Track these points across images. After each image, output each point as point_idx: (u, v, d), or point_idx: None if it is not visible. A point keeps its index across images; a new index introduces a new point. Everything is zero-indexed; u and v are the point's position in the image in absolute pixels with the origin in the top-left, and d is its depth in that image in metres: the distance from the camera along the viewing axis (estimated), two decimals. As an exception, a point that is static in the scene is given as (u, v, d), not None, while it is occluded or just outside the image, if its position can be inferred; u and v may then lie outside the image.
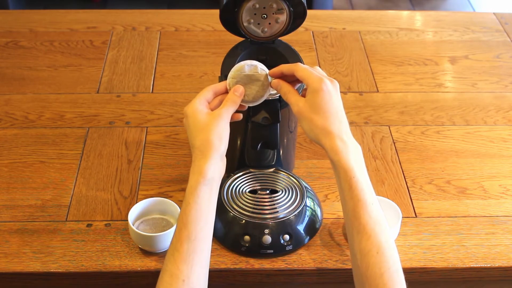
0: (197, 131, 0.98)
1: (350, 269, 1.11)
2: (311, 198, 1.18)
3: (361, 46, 1.71)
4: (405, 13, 1.97)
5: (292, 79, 1.02)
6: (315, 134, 0.97)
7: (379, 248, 0.91)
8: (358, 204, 0.93)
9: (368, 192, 0.94)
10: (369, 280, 0.91)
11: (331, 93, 0.96)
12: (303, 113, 0.97)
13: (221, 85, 1.03)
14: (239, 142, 1.21)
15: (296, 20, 1.11)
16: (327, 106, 0.96)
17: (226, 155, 1.28)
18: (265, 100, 1.09)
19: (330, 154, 0.95)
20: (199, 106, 1.00)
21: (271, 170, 1.21)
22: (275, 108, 1.09)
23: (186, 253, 0.93)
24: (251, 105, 1.04)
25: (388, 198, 1.19)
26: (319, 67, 1.11)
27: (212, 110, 1.01)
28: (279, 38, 1.14)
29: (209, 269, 1.10)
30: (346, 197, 0.95)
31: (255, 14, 1.09)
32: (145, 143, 1.36)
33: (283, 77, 1.02)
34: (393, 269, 0.91)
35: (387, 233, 0.93)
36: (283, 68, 1.01)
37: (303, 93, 1.00)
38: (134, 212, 1.13)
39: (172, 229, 1.09)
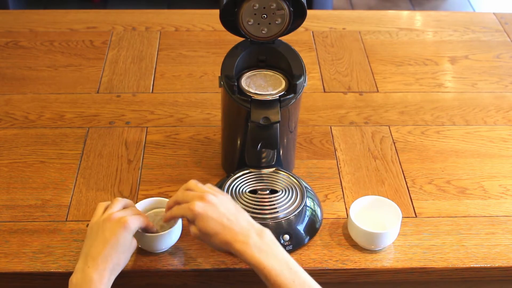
0: (123, 250, 1.00)
1: (350, 269, 1.12)
2: (311, 198, 1.18)
3: (361, 46, 1.71)
4: (405, 13, 1.97)
5: None
6: (219, 249, 1.02)
7: None
8: None
9: (285, 273, 0.96)
10: None
11: (206, 211, 0.99)
12: (202, 239, 1.02)
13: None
14: (239, 142, 1.21)
15: (296, 20, 1.11)
16: (210, 225, 0.99)
17: (227, 155, 1.29)
18: (265, 100, 1.10)
19: (239, 258, 0.99)
20: (135, 226, 1.02)
21: (271, 170, 1.21)
22: (275, 108, 1.09)
23: None
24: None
25: (388, 198, 1.19)
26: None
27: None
28: (279, 38, 1.14)
29: (209, 269, 1.10)
30: (268, 287, 0.98)
31: (255, 14, 1.09)
32: (145, 143, 1.36)
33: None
34: None
35: None
36: (167, 217, 1.06)
37: None
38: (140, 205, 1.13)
39: (173, 229, 1.09)
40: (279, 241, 1.11)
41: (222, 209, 1.00)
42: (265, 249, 0.97)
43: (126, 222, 1.00)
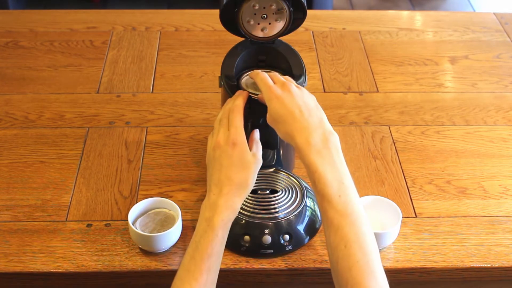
0: (241, 168, 0.98)
1: (350, 269, 1.12)
2: (311, 198, 1.18)
3: (361, 46, 1.71)
4: (405, 13, 1.97)
5: None
6: (284, 139, 1.00)
7: (347, 242, 0.91)
8: (323, 199, 0.93)
9: (333, 185, 0.93)
10: (340, 274, 0.91)
11: (282, 97, 0.98)
12: (270, 123, 1.01)
13: (242, 103, 1.04)
14: (239, 142, 1.20)
15: (296, 20, 1.11)
16: (281, 111, 0.98)
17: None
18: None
19: (297, 153, 0.97)
20: (242, 136, 1.00)
21: (271, 170, 1.21)
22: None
23: (205, 285, 0.94)
24: None
25: (388, 198, 1.19)
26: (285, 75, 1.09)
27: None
28: (279, 38, 1.14)
29: (209, 269, 1.10)
30: (314, 192, 0.96)
31: (255, 14, 1.09)
32: (145, 143, 1.36)
33: None
34: (363, 262, 0.89)
35: (358, 225, 0.92)
36: (252, 74, 1.06)
37: None
38: (134, 212, 1.13)
39: (173, 229, 1.09)
40: (279, 241, 1.11)
41: (298, 100, 0.98)
42: (323, 153, 0.95)
43: (232, 140, 0.98)
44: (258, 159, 1.01)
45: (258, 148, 1.02)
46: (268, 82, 1.01)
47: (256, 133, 1.05)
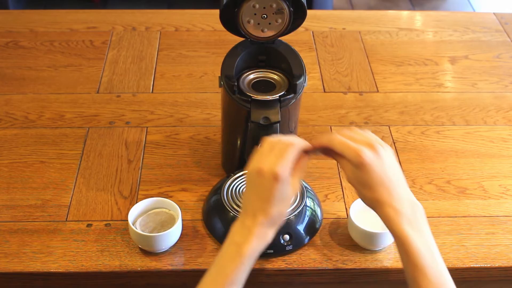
0: (279, 202, 0.94)
1: (350, 269, 1.12)
2: (311, 198, 1.18)
3: (361, 46, 1.71)
4: (405, 13, 1.97)
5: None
6: (367, 203, 0.96)
7: None
8: (415, 269, 0.92)
9: (427, 255, 0.92)
10: None
11: (373, 164, 0.93)
12: (352, 185, 0.97)
13: (305, 146, 0.98)
14: (239, 142, 1.21)
15: (296, 20, 1.11)
16: (371, 179, 0.93)
17: (227, 155, 1.29)
18: (265, 100, 1.10)
19: (383, 222, 0.94)
20: (288, 172, 0.94)
21: (271, 170, 1.20)
22: (275, 108, 1.09)
23: None
24: None
25: (388, 198, 1.19)
26: (359, 129, 1.01)
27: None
28: (279, 38, 1.14)
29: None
30: (404, 263, 0.94)
31: (255, 14, 1.09)
32: (145, 143, 1.36)
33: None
34: None
35: None
36: (322, 141, 0.98)
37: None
38: (134, 212, 1.13)
39: (173, 229, 1.09)
40: (279, 241, 1.11)
41: (387, 165, 0.94)
42: (414, 223, 0.92)
43: (277, 174, 0.92)
44: (295, 192, 0.98)
45: (298, 178, 0.98)
46: (352, 146, 0.94)
47: (304, 162, 0.99)
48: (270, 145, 0.96)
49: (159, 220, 1.13)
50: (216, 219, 1.16)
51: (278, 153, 0.94)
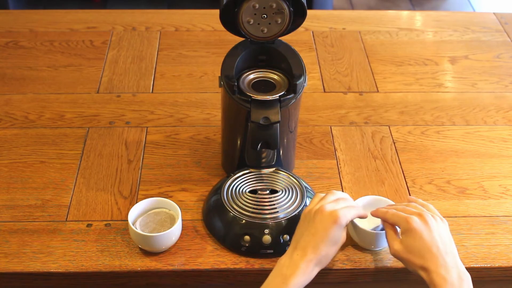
0: (331, 243, 1.00)
1: (350, 269, 1.12)
2: (311, 198, 1.18)
3: (361, 46, 1.71)
4: (405, 13, 1.97)
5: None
6: (414, 270, 1.00)
7: None
8: None
9: None
10: None
11: (421, 230, 0.99)
12: (399, 255, 1.01)
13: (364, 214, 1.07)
14: (239, 142, 1.21)
15: (296, 20, 1.11)
16: (419, 245, 0.99)
17: (227, 155, 1.29)
18: (265, 100, 1.10)
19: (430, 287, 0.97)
20: (347, 219, 1.02)
21: (271, 170, 1.21)
22: (275, 108, 1.09)
23: None
24: None
25: (388, 198, 1.19)
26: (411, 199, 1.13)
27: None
28: (279, 38, 1.14)
29: (209, 269, 1.10)
30: None
31: (255, 14, 1.09)
32: (145, 143, 1.36)
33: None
34: None
35: None
36: (378, 214, 1.07)
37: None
38: (134, 212, 1.13)
39: (173, 229, 1.09)
40: (279, 241, 1.11)
41: (436, 234, 0.99)
42: None
43: (337, 216, 1.00)
44: (345, 237, 1.03)
45: (349, 223, 1.05)
46: (403, 215, 1.02)
47: (363, 214, 1.07)
48: (335, 195, 1.05)
49: (159, 220, 1.13)
50: (216, 219, 1.16)
51: (344, 202, 1.03)
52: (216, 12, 1.14)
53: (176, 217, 1.12)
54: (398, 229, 1.04)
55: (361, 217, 1.06)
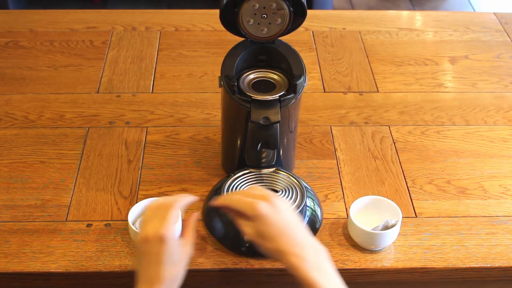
0: (170, 265, 0.95)
1: (350, 269, 1.12)
2: (311, 198, 1.18)
3: (361, 46, 1.71)
4: (405, 13, 1.97)
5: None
6: (271, 255, 0.96)
7: None
8: None
9: None
10: None
11: (269, 214, 0.95)
12: (253, 240, 0.97)
13: (185, 203, 1.02)
14: (239, 142, 1.21)
15: (296, 20, 1.10)
16: (270, 229, 0.94)
17: (227, 155, 1.29)
18: (265, 100, 1.10)
19: (289, 271, 0.94)
20: (173, 233, 0.96)
21: (271, 170, 1.21)
22: (275, 108, 1.09)
23: None
24: None
25: (388, 198, 1.19)
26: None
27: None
28: (279, 38, 1.14)
29: (209, 269, 1.10)
30: None
31: (255, 14, 1.09)
32: (145, 143, 1.36)
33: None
34: None
35: None
36: (220, 202, 1.00)
37: None
38: (134, 212, 1.13)
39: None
40: (279, 241, 1.11)
41: (285, 215, 0.96)
42: (320, 268, 0.93)
43: (162, 236, 0.94)
44: (188, 252, 0.99)
45: (190, 237, 1.01)
46: (247, 200, 0.96)
47: (192, 220, 1.02)
48: (152, 211, 0.98)
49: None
50: (216, 219, 1.16)
51: (160, 216, 0.96)
52: (216, 12, 1.14)
53: (176, 217, 1.12)
54: None
55: (186, 206, 1.01)
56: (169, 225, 0.95)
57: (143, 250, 0.96)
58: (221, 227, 1.14)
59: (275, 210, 0.95)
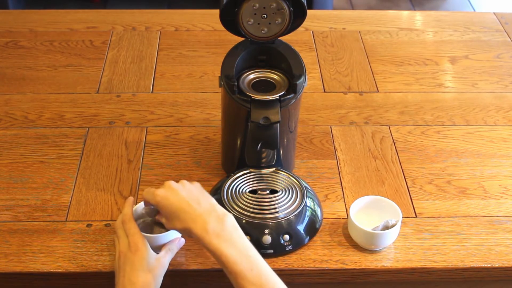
0: (143, 271, 1.00)
1: (350, 269, 1.12)
2: (311, 198, 1.18)
3: (361, 46, 1.71)
4: (405, 13, 1.97)
5: None
6: (185, 234, 1.02)
7: None
8: (237, 276, 0.95)
9: (242, 261, 0.95)
10: None
11: (167, 197, 1.00)
12: (168, 225, 1.02)
13: (130, 210, 1.08)
14: (239, 142, 1.21)
15: (296, 20, 1.10)
16: (171, 211, 0.99)
17: (227, 155, 1.29)
18: (265, 100, 1.10)
19: (200, 243, 0.98)
20: (146, 244, 1.03)
21: (271, 170, 1.21)
22: (275, 108, 1.09)
23: None
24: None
25: (388, 198, 1.19)
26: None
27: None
28: (279, 38, 1.14)
29: (209, 269, 1.10)
30: (227, 274, 0.97)
31: (255, 14, 1.09)
32: (145, 143, 1.36)
33: None
34: None
35: None
36: (144, 196, 1.06)
37: None
38: (134, 212, 1.13)
39: (173, 230, 1.09)
40: (279, 241, 1.11)
41: (183, 193, 1.00)
42: (224, 236, 0.96)
43: (134, 247, 1.01)
44: (162, 264, 1.03)
45: (166, 253, 1.05)
46: (150, 189, 1.03)
47: (172, 242, 1.08)
48: (115, 235, 1.06)
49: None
50: (216, 219, 1.15)
51: (123, 234, 1.05)
52: (216, 12, 1.14)
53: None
54: None
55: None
56: (138, 236, 1.02)
57: (119, 264, 1.02)
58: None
59: (171, 192, 1.00)
